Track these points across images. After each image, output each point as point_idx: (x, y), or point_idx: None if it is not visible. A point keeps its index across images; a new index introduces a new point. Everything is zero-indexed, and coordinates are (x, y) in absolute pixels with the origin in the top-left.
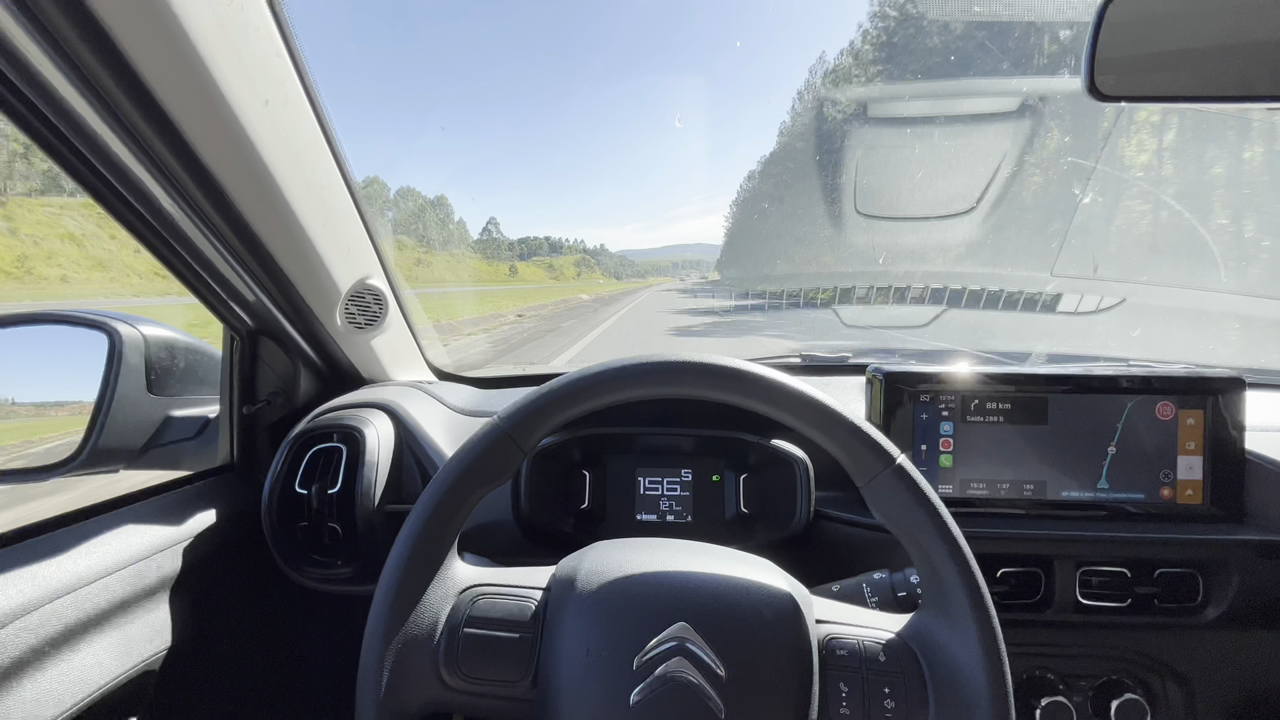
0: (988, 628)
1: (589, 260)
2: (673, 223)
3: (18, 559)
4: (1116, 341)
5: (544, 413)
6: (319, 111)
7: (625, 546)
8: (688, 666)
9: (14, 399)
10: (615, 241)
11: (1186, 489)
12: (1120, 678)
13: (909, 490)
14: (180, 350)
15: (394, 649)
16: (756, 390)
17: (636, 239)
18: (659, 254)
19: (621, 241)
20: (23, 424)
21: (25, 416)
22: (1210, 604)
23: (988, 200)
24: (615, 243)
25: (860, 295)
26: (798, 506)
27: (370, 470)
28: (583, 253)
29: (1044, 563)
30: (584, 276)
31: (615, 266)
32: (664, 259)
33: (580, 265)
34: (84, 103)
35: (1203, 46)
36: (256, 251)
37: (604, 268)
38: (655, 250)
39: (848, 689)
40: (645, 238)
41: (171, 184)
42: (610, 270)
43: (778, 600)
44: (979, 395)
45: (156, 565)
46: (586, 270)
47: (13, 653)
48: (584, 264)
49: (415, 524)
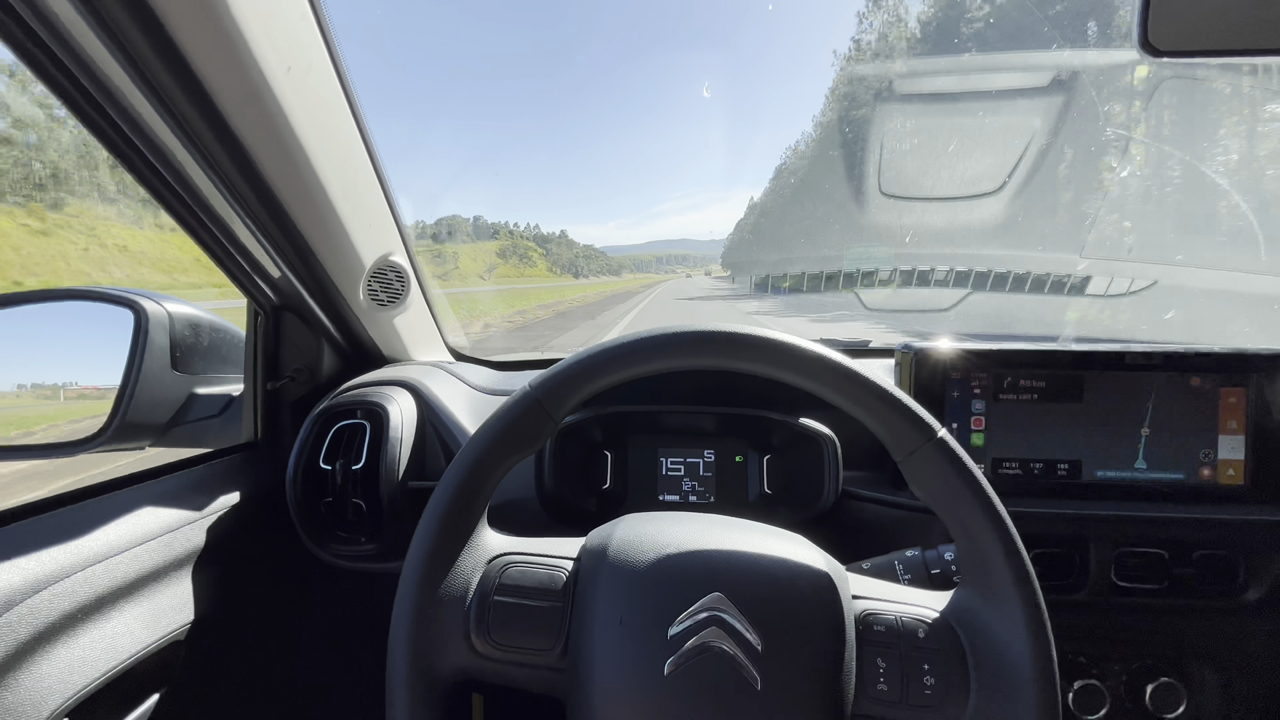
0: (1033, 606)
1: (523, 248)
2: (657, 219)
3: (53, 526)
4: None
5: (577, 380)
6: (344, 81)
7: (657, 519)
8: (723, 637)
9: (45, 373)
10: (600, 237)
11: (1227, 469)
12: (1155, 662)
13: (951, 465)
14: (204, 328)
15: (425, 615)
16: (793, 362)
17: (619, 235)
18: (641, 249)
19: (606, 237)
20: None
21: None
22: (1250, 588)
23: (1016, 180)
24: (600, 239)
25: (883, 278)
26: (825, 485)
27: (394, 447)
28: (519, 237)
29: (1079, 543)
30: (499, 271)
31: (572, 260)
32: (647, 254)
33: (506, 254)
34: (116, 67)
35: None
36: (282, 223)
37: (554, 259)
38: (638, 246)
39: (885, 665)
40: (627, 234)
41: (201, 153)
42: (563, 264)
43: (813, 573)
44: (1011, 373)
45: (184, 538)
46: (516, 260)
47: (49, 617)
48: (510, 252)
49: (447, 490)
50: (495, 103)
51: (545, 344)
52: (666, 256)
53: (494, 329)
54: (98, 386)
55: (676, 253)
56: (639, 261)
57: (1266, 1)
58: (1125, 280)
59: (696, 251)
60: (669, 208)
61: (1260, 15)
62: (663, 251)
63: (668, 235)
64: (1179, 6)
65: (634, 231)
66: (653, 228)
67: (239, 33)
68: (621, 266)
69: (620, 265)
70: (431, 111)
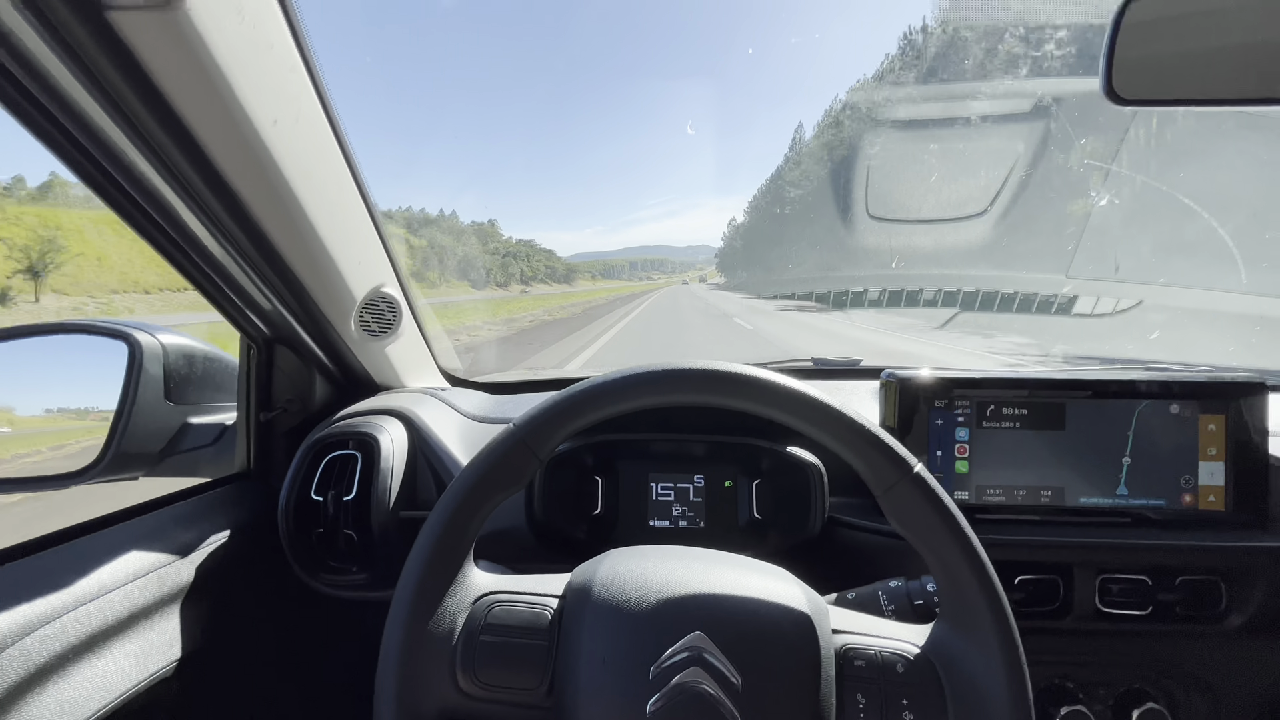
0: (1009, 641)
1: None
2: (632, 225)
3: (44, 566)
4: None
5: (559, 420)
6: (334, 123)
7: (640, 555)
8: (704, 676)
9: (40, 405)
10: (572, 245)
11: (1208, 495)
12: (1142, 686)
13: (926, 499)
14: (198, 359)
15: (411, 655)
16: (772, 398)
17: (596, 241)
18: (617, 254)
19: (581, 244)
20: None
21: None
22: (1234, 612)
23: (1001, 202)
24: (572, 246)
25: (872, 299)
26: (811, 512)
27: (385, 477)
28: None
29: (1063, 570)
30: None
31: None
32: (621, 259)
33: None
34: (103, 113)
35: (1224, 48)
36: (273, 261)
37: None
38: (614, 252)
39: (865, 700)
40: (602, 240)
41: (190, 197)
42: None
43: (794, 610)
44: (995, 400)
45: (175, 572)
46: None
47: (40, 659)
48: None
49: (432, 531)
50: (461, 99)
51: (542, 363)
52: (641, 261)
53: None
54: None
55: (653, 258)
56: (609, 268)
57: (1214, 62)
58: (1111, 300)
59: (674, 257)
60: (645, 214)
61: (1216, 68)
62: (638, 256)
63: (644, 242)
64: (1138, 63)
65: (610, 238)
66: (629, 234)
67: (229, 92)
68: (573, 272)
69: (571, 271)
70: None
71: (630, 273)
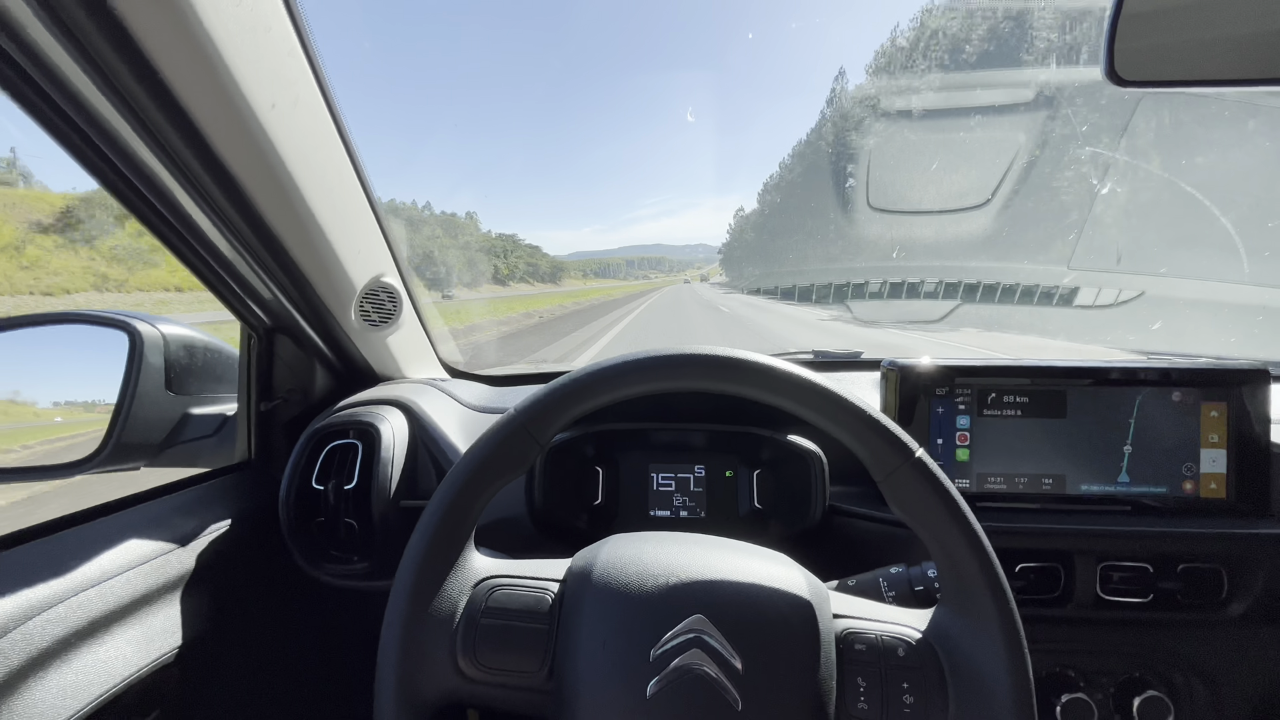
0: (1010, 625)
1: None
2: (630, 224)
3: (46, 552)
4: (1136, 335)
5: (560, 405)
6: (333, 110)
7: (641, 539)
8: (704, 659)
9: (42, 396)
10: (570, 244)
11: (1210, 482)
12: (1143, 674)
13: (928, 484)
14: (198, 349)
15: (412, 639)
16: (774, 384)
17: (594, 240)
18: (615, 253)
19: (579, 243)
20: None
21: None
22: (1235, 600)
23: (1003, 193)
24: (570, 245)
25: (873, 290)
26: (812, 501)
27: (385, 466)
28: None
29: (1064, 558)
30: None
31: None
32: (618, 258)
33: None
34: (102, 97)
35: (1226, 29)
36: (274, 250)
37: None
38: (612, 250)
39: (866, 684)
40: (601, 239)
41: (190, 183)
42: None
43: (794, 594)
44: (996, 388)
45: (176, 560)
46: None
47: (42, 643)
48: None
49: (433, 516)
50: (464, 102)
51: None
52: (638, 260)
53: None
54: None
55: (651, 256)
56: (606, 266)
57: (1216, 43)
58: (1113, 291)
59: (672, 256)
60: (644, 213)
61: (1219, 50)
62: (636, 255)
63: (642, 240)
64: (1142, 40)
65: (608, 237)
66: (628, 233)
67: (228, 75)
68: (560, 270)
69: (558, 269)
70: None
71: (627, 271)
